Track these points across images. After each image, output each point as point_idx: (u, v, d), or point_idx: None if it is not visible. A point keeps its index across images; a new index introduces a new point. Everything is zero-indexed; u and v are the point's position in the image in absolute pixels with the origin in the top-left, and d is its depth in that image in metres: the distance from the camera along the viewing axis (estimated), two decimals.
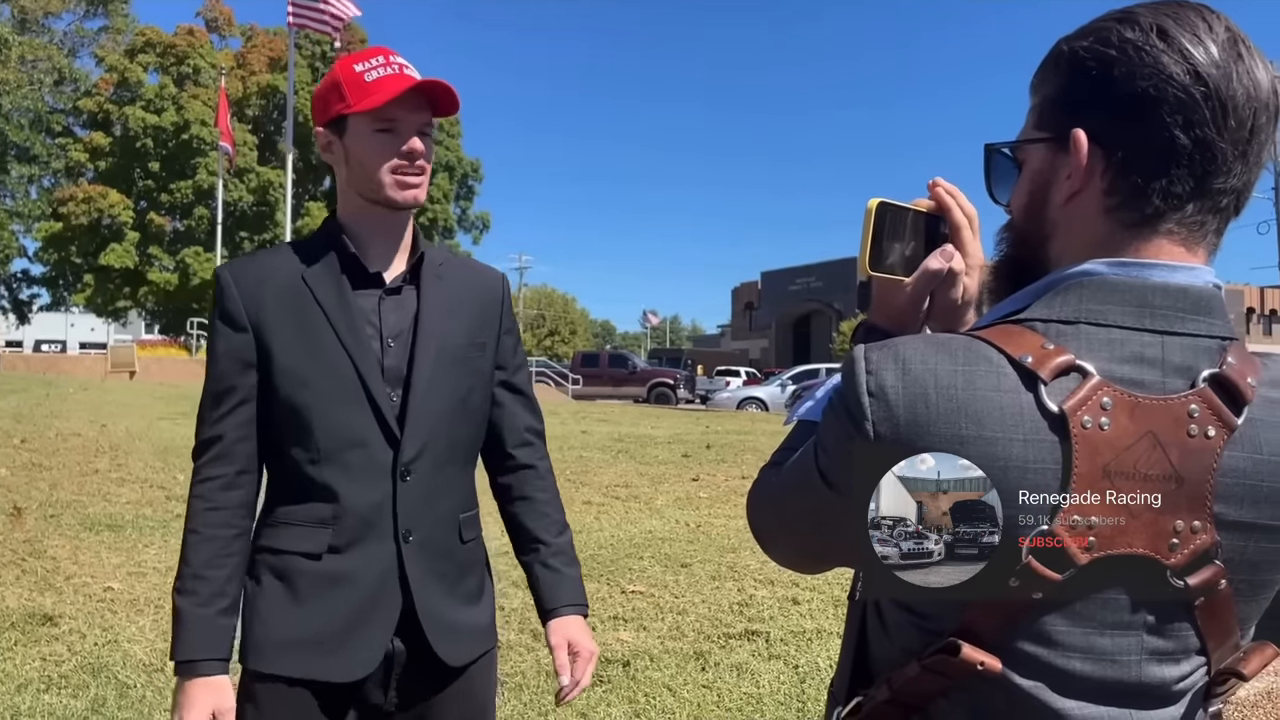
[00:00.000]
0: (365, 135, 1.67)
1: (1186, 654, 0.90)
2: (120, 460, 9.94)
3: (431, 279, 1.78)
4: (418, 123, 1.68)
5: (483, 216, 50.20)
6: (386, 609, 1.69)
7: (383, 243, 1.76)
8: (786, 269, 60.25)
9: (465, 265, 1.91)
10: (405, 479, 1.69)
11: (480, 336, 1.83)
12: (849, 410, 0.89)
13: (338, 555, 1.67)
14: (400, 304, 1.75)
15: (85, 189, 39.55)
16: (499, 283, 1.92)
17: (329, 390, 1.67)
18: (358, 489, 1.67)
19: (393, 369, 1.71)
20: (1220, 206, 0.91)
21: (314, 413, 1.67)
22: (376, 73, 1.65)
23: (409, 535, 1.70)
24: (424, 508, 1.72)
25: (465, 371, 1.79)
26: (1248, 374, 0.88)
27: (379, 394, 1.68)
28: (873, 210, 1.04)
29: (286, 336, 1.67)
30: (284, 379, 1.67)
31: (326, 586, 1.67)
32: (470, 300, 1.83)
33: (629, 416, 21.81)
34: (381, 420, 1.68)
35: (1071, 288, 0.91)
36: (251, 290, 1.69)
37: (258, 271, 1.72)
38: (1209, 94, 0.86)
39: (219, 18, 45.11)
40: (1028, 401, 0.84)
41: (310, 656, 1.65)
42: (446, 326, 1.76)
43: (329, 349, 1.68)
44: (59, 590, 5.29)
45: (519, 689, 4.11)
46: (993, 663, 0.86)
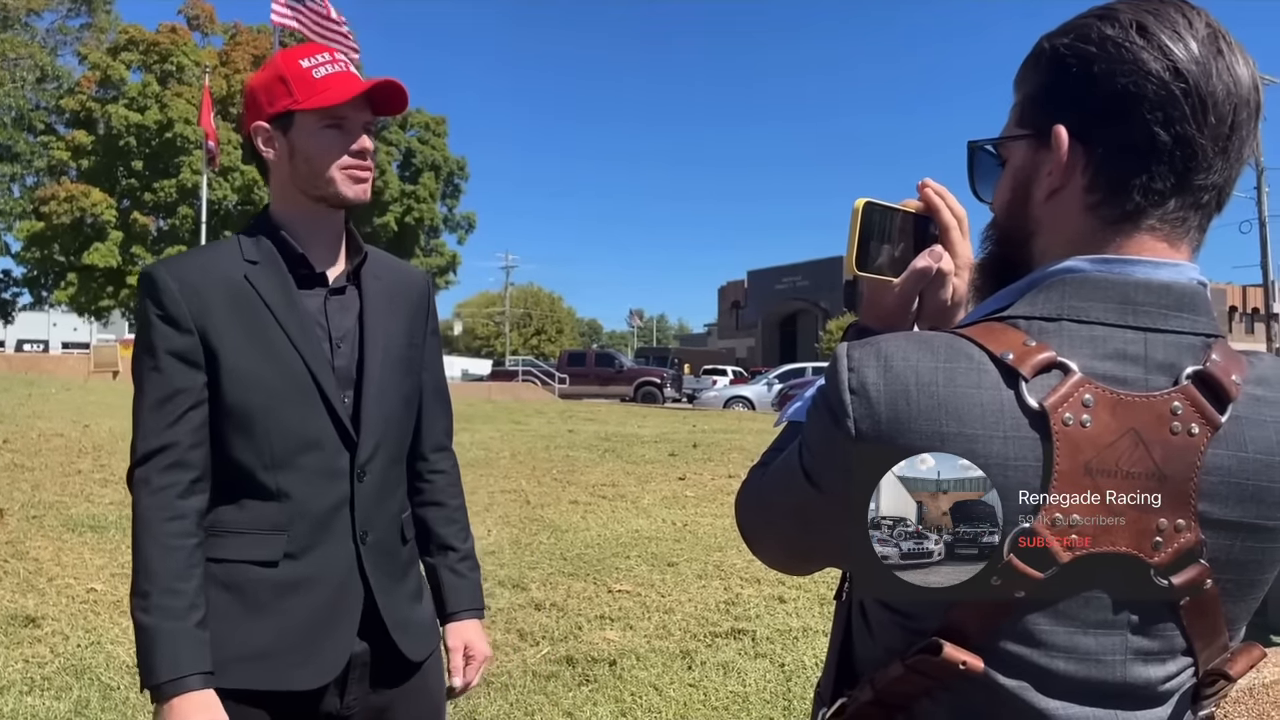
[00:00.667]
0: (314, 132, 1.65)
1: (1172, 654, 0.89)
2: (103, 461, 9.86)
3: (370, 278, 1.77)
4: (365, 119, 1.69)
5: (468, 216, 50.04)
6: (350, 611, 1.67)
7: (323, 241, 1.74)
8: (773, 268, 60.37)
9: (392, 264, 1.89)
10: (362, 480, 1.68)
11: (415, 336, 1.84)
12: (831, 408, 0.89)
13: (294, 561, 1.63)
14: (344, 304, 1.73)
15: (68, 187, 39.17)
16: (424, 282, 1.93)
17: (282, 393, 1.63)
18: (313, 492, 1.64)
19: (343, 370, 1.69)
20: (1202, 203, 0.91)
21: (267, 416, 1.62)
22: (325, 69, 1.64)
23: (366, 536, 1.69)
24: (377, 508, 1.72)
25: (407, 371, 1.80)
26: (1232, 371, 0.87)
27: (333, 396, 1.66)
28: (859, 210, 1.03)
29: (235, 338, 1.61)
30: (233, 382, 1.61)
31: (285, 594, 1.62)
32: (403, 300, 1.83)
33: (615, 415, 21.80)
34: (337, 422, 1.66)
35: (1054, 285, 0.91)
36: (193, 290, 1.61)
37: (198, 270, 1.64)
38: (1189, 90, 0.86)
39: (201, 15, 44.79)
40: (1008, 398, 0.84)
41: (272, 667, 1.60)
42: (389, 327, 1.76)
43: (281, 351, 1.63)
44: (41, 592, 5.25)
45: (505, 689, 4.10)
46: (975, 662, 0.86)
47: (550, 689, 4.12)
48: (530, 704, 3.96)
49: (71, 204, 38.67)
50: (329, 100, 1.62)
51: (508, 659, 4.46)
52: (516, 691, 4.08)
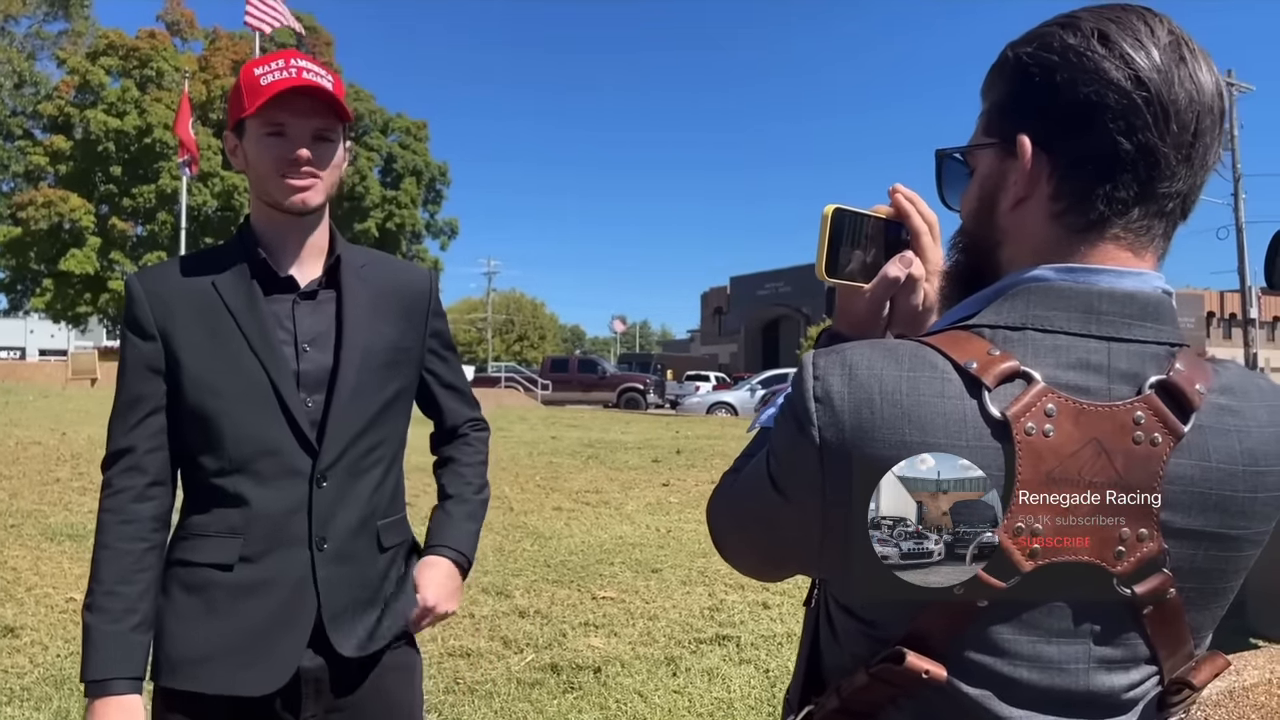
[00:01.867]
0: (256, 139, 1.66)
1: (1136, 663, 0.89)
2: (82, 469, 9.78)
3: (353, 281, 1.75)
4: (311, 127, 1.65)
5: (451, 222, 49.94)
6: (300, 619, 1.66)
7: (294, 246, 1.73)
8: (755, 274, 60.49)
9: (390, 265, 1.88)
10: (320, 485, 1.67)
11: (406, 339, 1.81)
12: (797, 416, 0.89)
13: (250, 565, 1.64)
14: (317, 308, 1.72)
15: (45, 193, 38.82)
16: (425, 280, 1.89)
17: (240, 397, 1.64)
18: (270, 496, 1.64)
19: (310, 374, 1.68)
20: (1166, 210, 0.91)
21: (224, 420, 1.64)
22: (271, 76, 1.62)
23: (323, 543, 1.67)
24: (338, 515, 1.69)
25: (392, 375, 1.77)
26: (1196, 380, 0.87)
27: (292, 400, 1.65)
28: (828, 216, 1.04)
29: (196, 344, 1.65)
30: (193, 387, 1.64)
31: (240, 597, 1.63)
32: (395, 301, 1.80)
33: (599, 422, 21.78)
34: (295, 427, 1.65)
35: (1019, 293, 0.91)
36: (160, 298, 1.66)
37: (167, 279, 1.69)
38: (1150, 99, 0.86)
39: (180, 20, 44.57)
40: (971, 408, 0.84)
41: (224, 670, 1.61)
42: (372, 329, 1.74)
43: (239, 356, 1.64)
44: (20, 601, 5.20)
45: (489, 696, 4.09)
46: (938, 671, 0.86)
47: (535, 696, 4.11)
48: (515, 711, 3.95)
49: (49, 210, 38.33)
50: (258, 100, 1.60)
51: (492, 666, 4.45)
52: (501, 699, 4.07)
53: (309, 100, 1.63)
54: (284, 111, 1.62)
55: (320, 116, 1.66)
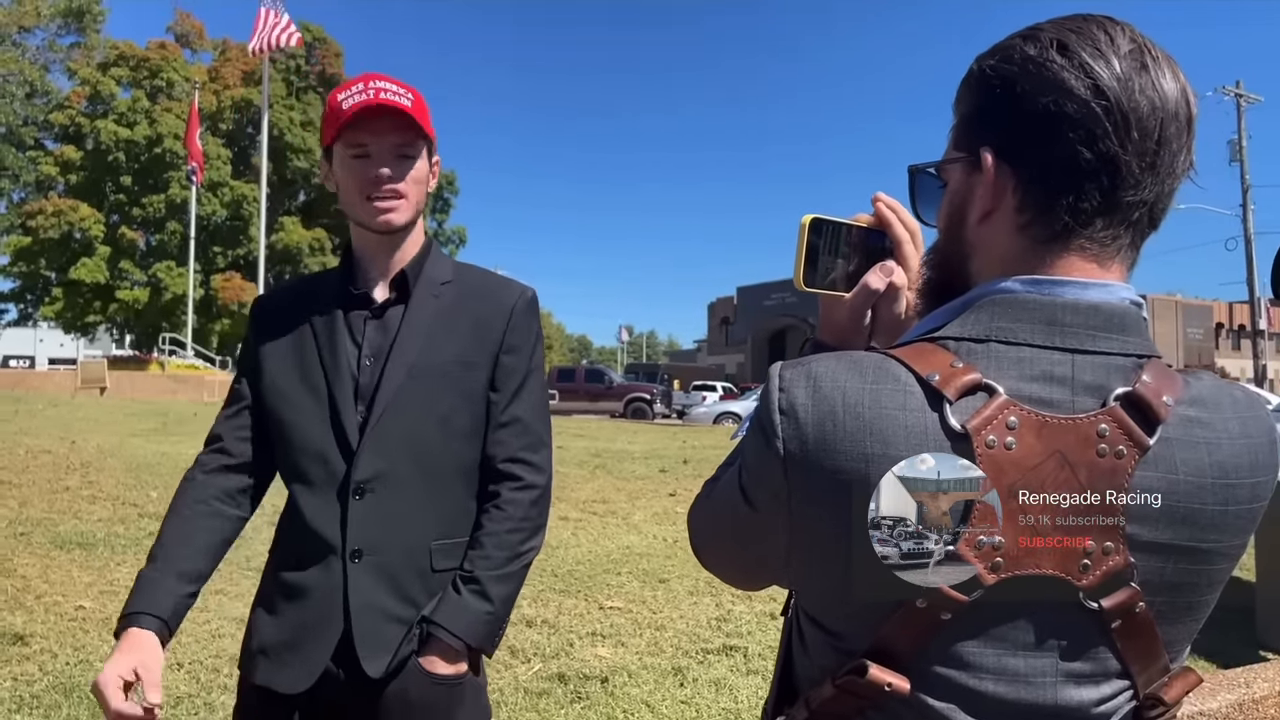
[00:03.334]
0: (343, 162, 1.72)
1: (1106, 677, 0.88)
2: (91, 478, 9.80)
3: (425, 296, 1.77)
4: (391, 145, 1.69)
5: (459, 231, 50.05)
6: (326, 630, 1.68)
7: (379, 263, 1.80)
8: (762, 284, 60.43)
9: (479, 281, 1.84)
10: (359, 497, 1.68)
11: (472, 355, 1.76)
12: (764, 428, 0.89)
13: (298, 571, 1.71)
14: (384, 323, 1.77)
15: (56, 202, 39.06)
16: (512, 299, 1.82)
17: (303, 405, 1.73)
18: (313, 504, 1.70)
19: (366, 386, 1.72)
20: (1132, 220, 0.90)
21: (289, 427, 1.74)
22: (352, 99, 1.67)
23: (358, 556, 1.67)
24: (381, 530, 1.68)
25: (447, 390, 1.74)
26: (1164, 392, 0.86)
27: (345, 410, 1.70)
28: (806, 226, 1.04)
29: (280, 355, 1.77)
30: (270, 395, 1.77)
31: (284, 599, 1.72)
32: (467, 317, 1.78)
33: (605, 431, 21.77)
34: (341, 436, 1.69)
35: (984, 305, 0.91)
36: (265, 315, 1.84)
37: (275, 298, 1.88)
38: (1110, 108, 0.85)
39: (190, 32, 44.84)
40: (932, 420, 0.84)
41: (267, 664, 1.70)
42: (429, 344, 1.74)
43: (311, 368, 1.74)
44: (30, 609, 5.21)
45: (497, 706, 4.09)
46: (900, 684, 0.85)
47: (542, 706, 4.11)
48: None
49: (59, 219, 38.56)
50: (337, 123, 1.66)
51: (499, 676, 4.45)
52: (508, 709, 4.07)
53: (388, 119, 1.67)
54: (363, 132, 1.67)
55: (399, 133, 1.69)
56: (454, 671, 1.67)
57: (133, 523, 7.68)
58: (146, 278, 39.86)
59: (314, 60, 44.17)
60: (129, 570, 6.14)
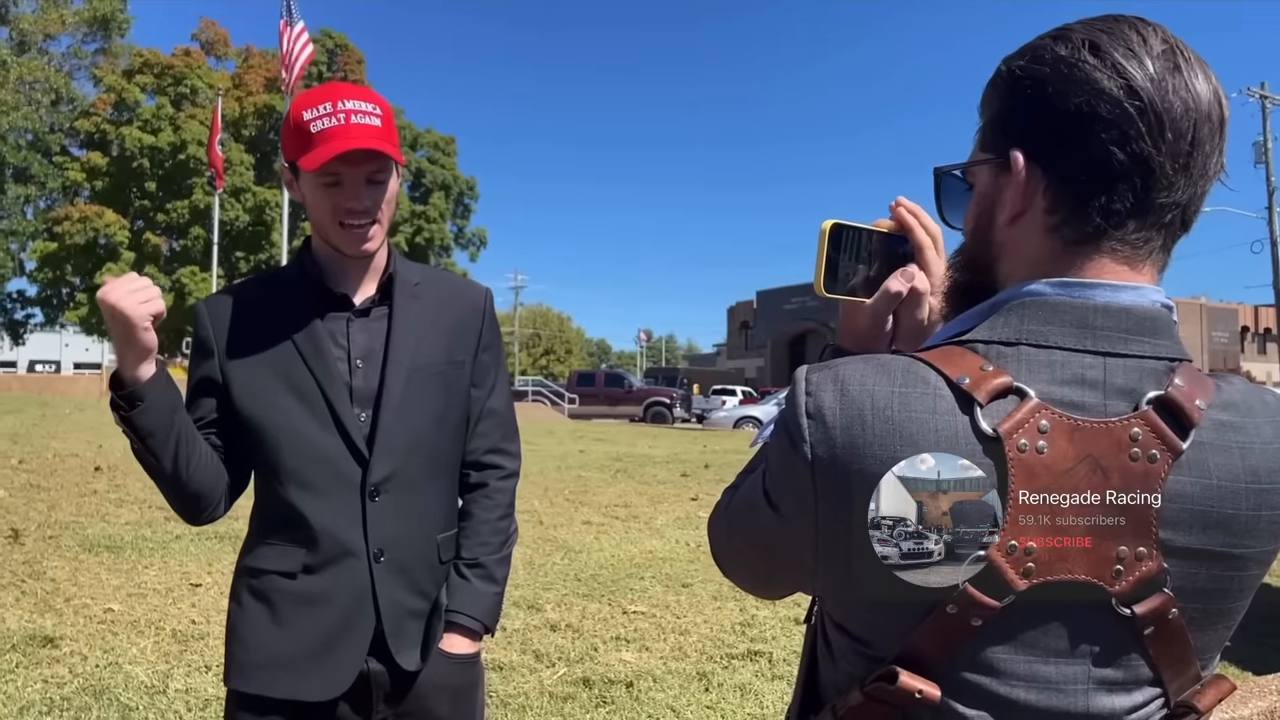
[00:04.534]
0: (313, 187, 1.68)
1: (1138, 684, 0.87)
2: (118, 481, 9.90)
3: (405, 298, 1.79)
4: (365, 172, 1.67)
5: (479, 233, 50.25)
6: (359, 630, 1.70)
7: (352, 267, 1.78)
8: (782, 288, 60.32)
9: (446, 281, 1.90)
10: (374, 499, 1.70)
11: (458, 354, 1.83)
12: (789, 432, 0.88)
13: (311, 575, 1.70)
14: (369, 325, 1.77)
15: (81, 208, 39.50)
16: (480, 298, 1.91)
17: (295, 411, 1.70)
18: (326, 509, 1.69)
19: (361, 389, 1.73)
20: (1165, 222, 0.89)
21: (281, 433, 1.70)
22: (321, 124, 1.61)
23: (380, 555, 1.71)
24: (396, 528, 1.72)
25: (442, 390, 1.79)
26: (1196, 396, 0.85)
27: (345, 414, 1.70)
28: (826, 232, 1.03)
29: (253, 360, 1.72)
30: (250, 402, 1.71)
31: (302, 606, 1.69)
32: (448, 317, 1.83)
33: (626, 436, 21.79)
34: (348, 440, 1.70)
35: (1014, 308, 0.90)
36: (222, 319, 1.74)
37: (229, 301, 1.77)
38: (1144, 108, 0.84)
39: (214, 39, 45.25)
40: (963, 424, 0.83)
41: (288, 676, 1.68)
42: (420, 345, 1.77)
43: (295, 372, 1.70)
44: (59, 612, 5.27)
45: (522, 710, 4.10)
46: (931, 691, 0.84)
47: (568, 710, 4.11)
48: None
49: (85, 225, 38.99)
50: (315, 162, 1.60)
51: (524, 680, 4.45)
52: (533, 713, 4.07)
53: (361, 152, 1.63)
54: (337, 163, 1.62)
55: (372, 161, 1.67)
56: (474, 650, 1.81)
57: (159, 526, 7.75)
58: (170, 283, 40.21)
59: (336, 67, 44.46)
60: (156, 573, 6.20)
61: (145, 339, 1.53)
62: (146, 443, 1.59)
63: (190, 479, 1.65)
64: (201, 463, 1.67)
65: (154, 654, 4.61)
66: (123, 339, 1.53)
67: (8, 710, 3.90)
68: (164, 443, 1.60)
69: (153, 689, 4.17)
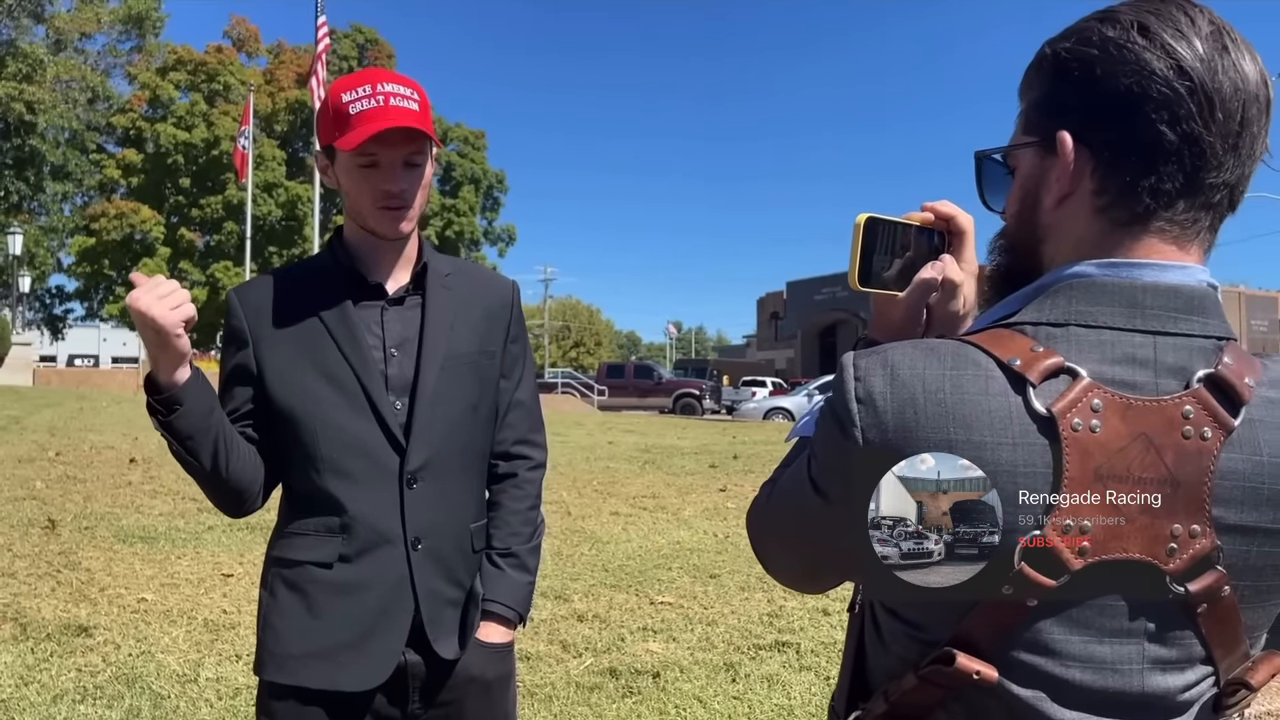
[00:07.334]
0: (350, 170, 1.68)
1: (1191, 663, 0.87)
2: (153, 473, 10.04)
3: (437, 288, 1.79)
4: (402, 154, 1.67)
5: (508, 229, 50.45)
6: (398, 618, 1.70)
7: (385, 256, 1.78)
8: (812, 279, 59.93)
9: (475, 273, 1.91)
10: (412, 487, 1.70)
11: (489, 344, 1.83)
12: (838, 418, 0.88)
13: (348, 565, 1.69)
14: (403, 314, 1.77)
15: (117, 205, 40.16)
16: (509, 290, 1.91)
17: (331, 400, 1.69)
18: (363, 497, 1.69)
19: (397, 378, 1.73)
20: (1213, 202, 0.90)
21: (317, 422, 1.69)
22: (360, 105, 1.62)
23: (418, 543, 1.71)
24: (433, 516, 1.73)
25: (475, 380, 1.79)
26: (1245, 374, 0.86)
27: (382, 403, 1.70)
28: (860, 226, 1.03)
29: (288, 349, 1.71)
30: (286, 390, 1.71)
31: (339, 596, 1.69)
32: (479, 308, 1.83)
33: (655, 427, 21.80)
34: (386, 429, 1.70)
35: (1061, 290, 0.90)
36: (254, 308, 1.74)
37: (262, 290, 1.76)
38: (1194, 88, 0.85)
39: (246, 36, 45.71)
40: (1016, 404, 0.83)
41: (325, 667, 1.67)
42: (453, 335, 1.77)
43: (330, 360, 1.70)
44: (94, 601, 5.34)
45: (549, 700, 4.10)
46: (989, 672, 0.85)
47: (594, 700, 4.11)
48: (574, 715, 3.96)
49: (121, 220, 39.62)
50: (354, 141, 1.61)
51: (551, 670, 4.46)
52: (560, 703, 4.08)
53: (400, 131, 1.64)
54: (375, 144, 1.63)
55: (410, 143, 1.67)
56: (509, 639, 1.81)
57: (192, 517, 7.84)
58: (205, 277, 40.74)
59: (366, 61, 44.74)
60: (189, 564, 6.28)
61: (179, 345, 1.53)
62: (185, 445, 1.60)
63: (230, 476, 1.66)
64: (240, 458, 1.67)
65: (186, 643, 4.67)
66: (156, 345, 1.52)
67: (42, 698, 3.97)
68: (202, 444, 1.61)
69: (184, 678, 4.22)
